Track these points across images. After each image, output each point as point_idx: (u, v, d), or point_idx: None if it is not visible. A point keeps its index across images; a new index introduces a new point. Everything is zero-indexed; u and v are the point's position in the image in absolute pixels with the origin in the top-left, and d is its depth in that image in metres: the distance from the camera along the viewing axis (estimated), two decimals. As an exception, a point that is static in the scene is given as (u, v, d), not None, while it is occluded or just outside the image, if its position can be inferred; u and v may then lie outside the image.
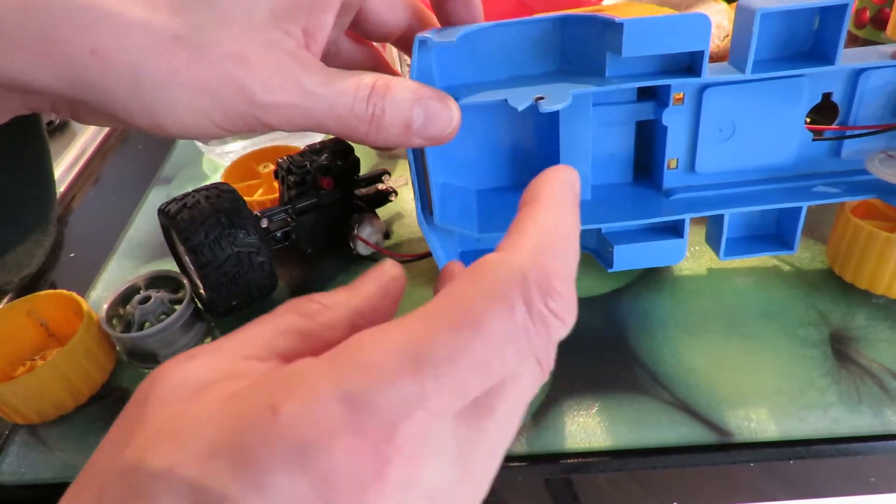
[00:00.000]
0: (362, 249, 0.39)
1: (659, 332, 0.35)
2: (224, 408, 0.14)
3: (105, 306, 0.35)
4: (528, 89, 0.30)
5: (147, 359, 0.35)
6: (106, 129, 0.61)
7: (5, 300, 0.41)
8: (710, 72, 0.31)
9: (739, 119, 0.34)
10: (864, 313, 0.35)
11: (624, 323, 0.35)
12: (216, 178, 0.51)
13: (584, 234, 0.38)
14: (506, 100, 0.29)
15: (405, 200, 0.46)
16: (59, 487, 0.31)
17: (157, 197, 0.49)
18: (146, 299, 0.35)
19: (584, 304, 0.37)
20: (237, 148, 0.51)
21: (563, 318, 0.17)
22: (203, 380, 0.16)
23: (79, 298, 0.34)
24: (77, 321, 0.33)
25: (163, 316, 0.35)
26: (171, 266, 0.39)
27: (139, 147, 0.59)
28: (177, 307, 0.35)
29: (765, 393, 0.31)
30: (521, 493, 0.30)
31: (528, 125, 0.36)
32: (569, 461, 0.30)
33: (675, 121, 0.34)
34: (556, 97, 0.28)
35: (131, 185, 0.52)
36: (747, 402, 0.31)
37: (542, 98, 0.28)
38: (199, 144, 0.52)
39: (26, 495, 0.31)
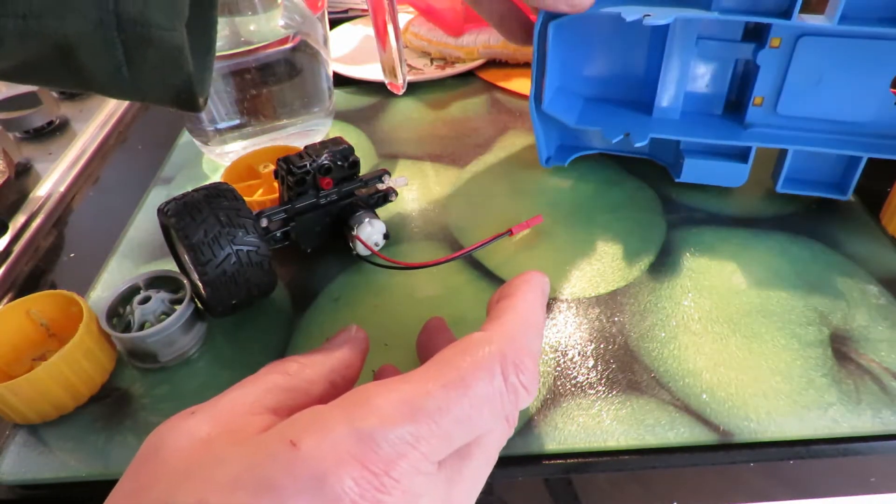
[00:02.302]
0: (361, 250, 0.39)
1: (659, 333, 0.35)
2: (244, 447, 0.17)
3: (105, 306, 0.35)
4: (640, 7, 0.37)
5: (147, 359, 0.35)
6: (106, 129, 0.61)
7: (5, 300, 0.41)
8: (805, 19, 0.36)
9: (827, 71, 0.38)
10: (864, 313, 0.35)
11: (624, 323, 0.35)
12: (216, 178, 0.51)
13: (663, 147, 0.46)
14: (619, 13, 0.36)
15: (406, 201, 0.46)
16: (59, 487, 0.31)
17: (157, 197, 0.49)
18: (146, 299, 0.35)
19: (585, 303, 0.37)
20: (237, 148, 0.51)
21: (529, 389, 0.21)
22: (209, 431, 0.18)
23: (79, 298, 0.34)
24: (77, 321, 0.33)
25: (163, 316, 0.35)
26: (171, 266, 0.39)
27: (139, 147, 0.59)
28: (177, 307, 0.35)
29: (765, 393, 0.31)
30: (521, 493, 0.30)
31: (639, 47, 0.43)
32: (569, 461, 0.30)
33: (768, 62, 0.39)
34: (662, 15, 0.35)
35: (131, 185, 0.52)
36: (747, 402, 0.31)
37: (649, 15, 0.35)
38: (199, 144, 0.52)
39: (26, 495, 0.31)
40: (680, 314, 0.36)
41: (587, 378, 0.32)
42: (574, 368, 0.33)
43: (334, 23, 0.73)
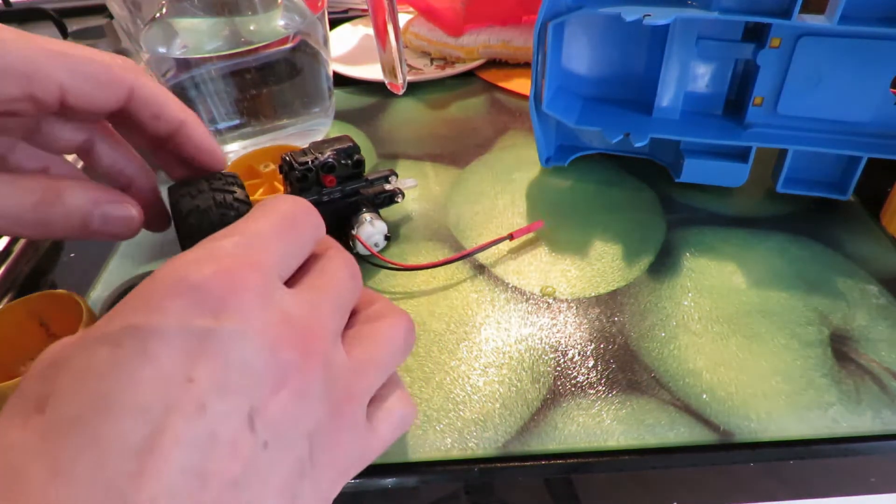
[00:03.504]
0: (361, 250, 0.39)
1: (659, 333, 0.35)
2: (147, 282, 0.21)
3: (105, 306, 0.35)
4: (640, 7, 0.37)
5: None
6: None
7: (5, 300, 0.41)
8: (805, 19, 0.36)
9: (827, 71, 0.38)
10: (864, 313, 0.35)
11: (624, 323, 0.35)
12: (216, 178, 0.51)
13: (663, 147, 0.46)
14: (619, 14, 0.36)
15: (406, 201, 0.46)
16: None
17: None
18: (146, 299, 0.35)
19: (585, 304, 0.37)
20: (237, 148, 0.51)
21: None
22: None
23: (79, 298, 0.34)
24: (77, 321, 0.33)
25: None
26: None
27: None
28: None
29: (765, 393, 0.31)
30: (521, 493, 0.30)
31: (639, 47, 0.43)
32: (569, 461, 0.30)
33: (768, 62, 0.39)
34: (661, 15, 0.36)
35: (131, 185, 0.52)
36: (747, 402, 0.31)
37: (649, 15, 0.35)
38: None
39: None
40: (680, 314, 0.36)
41: (587, 378, 0.32)
42: (574, 368, 0.33)
43: (334, 23, 0.73)
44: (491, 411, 0.31)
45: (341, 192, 0.39)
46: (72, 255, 0.45)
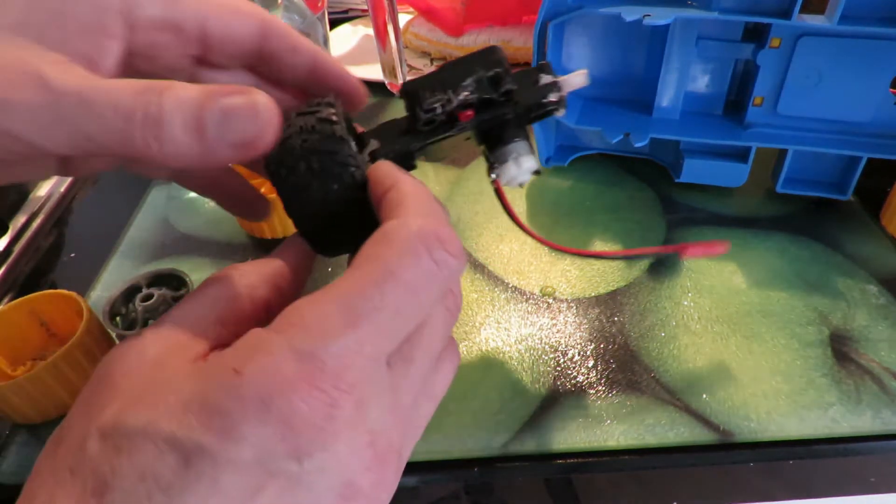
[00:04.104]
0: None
1: (659, 333, 0.35)
2: (191, 372, 0.17)
3: (106, 305, 0.35)
4: (640, 7, 0.37)
5: (147, 359, 0.35)
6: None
7: (5, 300, 0.41)
8: (805, 19, 0.36)
9: (827, 71, 0.38)
10: (864, 313, 0.35)
11: (624, 323, 0.35)
12: (216, 178, 0.51)
13: (663, 147, 0.46)
14: (619, 14, 0.36)
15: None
16: (60, 487, 0.31)
17: (157, 197, 0.49)
18: (148, 297, 0.35)
19: (585, 304, 0.37)
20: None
21: (457, 255, 0.19)
22: (158, 351, 0.18)
23: (79, 298, 0.34)
24: (77, 321, 0.33)
25: (164, 315, 0.35)
26: (171, 265, 0.39)
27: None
28: (177, 307, 0.35)
29: (765, 393, 0.31)
30: (521, 493, 0.30)
31: (639, 47, 0.43)
32: (569, 461, 0.30)
33: (768, 62, 0.39)
34: (661, 15, 0.36)
35: (131, 185, 0.52)
36: (747, 402, 0.31)
37: (649, 15, 0.35)
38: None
39: (26, 495, 0.31)
40: (680, 314, 0.36)
41: (587, 378, 0.32)
42: (574, 368, 0.33)
43: (334, 23, 0.73)
44: (491, 411, 0.31)
45: (481, 123, 0.27)
46: (72, 255, 0.45)
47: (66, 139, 0.18)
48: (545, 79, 0.26)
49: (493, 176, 0.27)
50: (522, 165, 0.26)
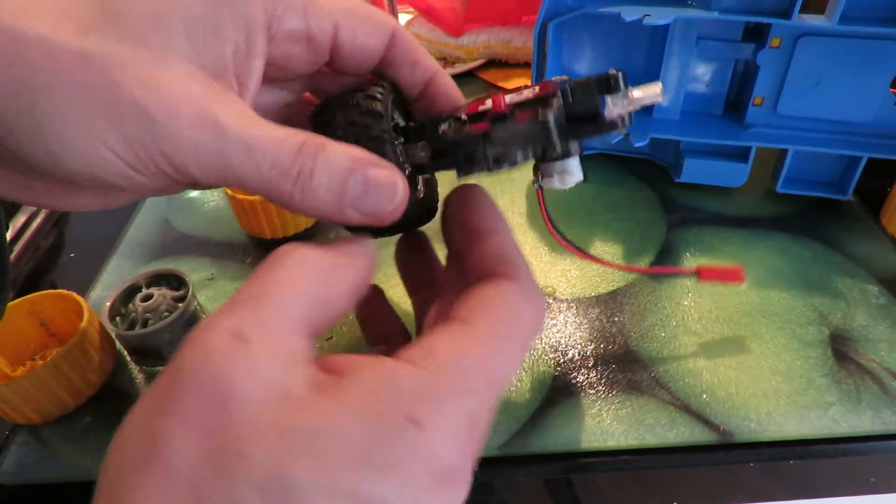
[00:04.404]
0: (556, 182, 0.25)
1: (659, 333, 0.35)
2: (357, 417, 0.16)
3: (107, 304, 0.35)
4: (639, 7, 0.37)
5: (151, 357, 0.35)
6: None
7: (5, 300, 0.41)
8: (805, 19, 0.36)
9: (827, 71, 0.38)
10: (864, 313, 0.35)
11: (624, 323, 0.35)
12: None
13: (663, 147, 0.46)
14: (619, 14, 0.36)
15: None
16: (60, 488, 0.31)
17: (156, 197, 0.49)
18: (149, 297, 0.35)
19: (585, 303, 0.37)
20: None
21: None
22: (273, 369, 0.16)
23: (79, 298, 0.34)
24: (77, 321, 0.33)
25: (166, 313, 0.35)
26: (171, 265, 0.39)
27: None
28: (180, 305, 0.35)
29: (765, 393, 0.31)
30: (521, 493, 0.30)
31: (639, 47, 0.43)
32: (569, 461, 0.30)
33: (768, 62, 0.39)
34: (661, 15, 0.36)
35: (131, 185, 0.52)
36: (747, 402, 0.31)
37: (649, 15, 0.35)
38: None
39: (26, 495, 0.31)
40: (680, 314, 0.36)
41: (587, 378, 0.32)
42: (574, 368, 0.33)
43: (334, 23, 0.73)
44: (491, 411, 0.31)
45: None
46: (72, 255, 0.45)
47: (220, 176, 0.19)
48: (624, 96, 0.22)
49: (537, 186, 0.26)
50: (567, 181, 0.25)
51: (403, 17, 0.68)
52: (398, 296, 0.35)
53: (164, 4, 0.18)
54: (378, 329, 0.26)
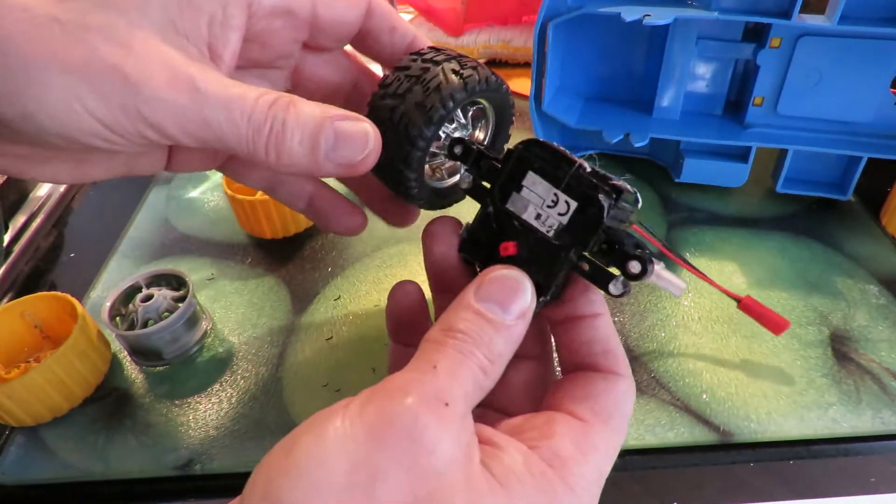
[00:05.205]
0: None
1: (659, 333, 0.35)
2: (530, 496, 0.17)
3: (108, 304, 0.35)
4: (639, 7, 0.37)
5: (151, 357, 0.35)
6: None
7: (5, 300, 0.41)
8: (805, 19, 0.37)
9: (827, 71, 0.38)
10: (864, 313, 0.35)
11: (624, 323, 0.35)
12: (217, 177, 0.51)
13: (663, 147, 0.46)
14: (619, 14, 0.37)
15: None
16: (59, 488, 0.31)
17: (156, 197, 0.49)
18: (148, 297, 0.35)
19: (584, 304, 0.37)
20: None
21: None
22: (467, 440, 0.18)
23: (73, 300, 0.34)
24: (71, 323, 0.33)
25: (166, 314, 0.35)
26: (171, 265, 0.39)
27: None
28: (179, 305, 0.35)
29: (765, 393, 0.31)
30: (521, 493, 0.30)
31: (639, 47, 0.43)
32: (569, 461, 0.30)
33: (768, 62, 0.39)
34: (661, 15, 0.36)
35: (131, 185, 0.52)
36: (747, 402, 0.31)
37: (649, 15, 0.36)
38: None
39: (26, 495, 0.31)
40: (680, 314, 0.36)
41: (587, 378, 0.32)
42: (574, 368, 0.33)
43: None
44: (491, 411, 0.31)
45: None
46: (72, 255, 0.45)
47: (200, 136, 0.20)
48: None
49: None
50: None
51: (404, 17, 0.68)
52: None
53: None
54: (408, 332, 0.26)
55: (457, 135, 0.25)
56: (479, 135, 0.27)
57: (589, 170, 0.21)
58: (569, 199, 0.21)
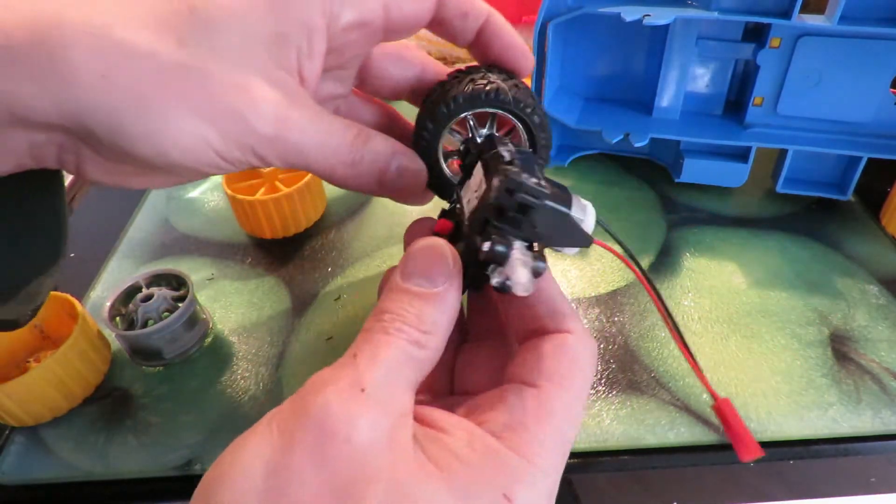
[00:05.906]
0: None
1: (659, 333, 0.35)
2: (460, 490, 0.17)
3: (108, 304, 0.35)
4: (639, 7, 0.37)
5: (151, 357, 0.34)
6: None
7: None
8: (805, 19, 0.37)
9: (827, 71, 0.38)
10: (864, 313, 0.35)
11: (624, 323, 0.35)
12: (217, 177, 0.51)
13: (663, 147, 0.46)
14: (619, 14, 0.37)
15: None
16: (59, 488, 0.31)
17: (156, 197, 0.49)
18: (148, 297, 0.35)
19: (585, 303, 0.37)
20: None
21: None
22: (391, 423, 0.18)
23: (73, 300, 0.34)
24: (71, 323, 0.33)
25: (166, 314, 0.35)
26: (171, 265, 0.39)
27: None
28: (179, 304, 0.35)
29: (765, 393, 0.31)
30: (521, 493, 0.30)
31: (639, 47, 0.43)
32: (569, 461, 0.30)
33: (768, 63, 0.39)
34: (661, 15, 0.36)
35: (131, 185, 0.52)
36: (747, 402, 0.31)
37: (648, 15, 0.36)
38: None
39: (26, 495, 0.31)
40: (680, 314, 0.36)
41: (587, 378, 0.32)
42: (574, 368, 0.33)
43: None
44: (491, 411, 0.31)
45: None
46: (72, 255, 0.45)
47: (292, 161, 0.23)
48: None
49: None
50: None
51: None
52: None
53: (244, 16, 0.21)
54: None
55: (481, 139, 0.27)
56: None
57: (508, 158, 0.22)
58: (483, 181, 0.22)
